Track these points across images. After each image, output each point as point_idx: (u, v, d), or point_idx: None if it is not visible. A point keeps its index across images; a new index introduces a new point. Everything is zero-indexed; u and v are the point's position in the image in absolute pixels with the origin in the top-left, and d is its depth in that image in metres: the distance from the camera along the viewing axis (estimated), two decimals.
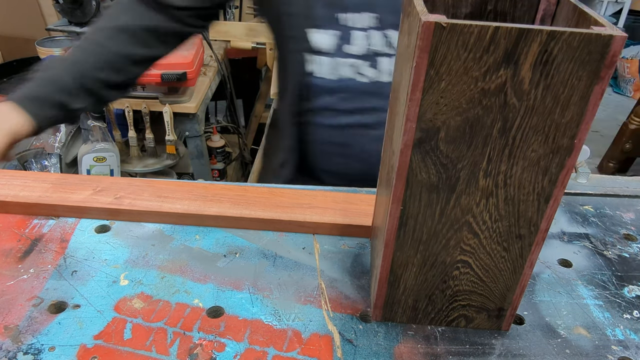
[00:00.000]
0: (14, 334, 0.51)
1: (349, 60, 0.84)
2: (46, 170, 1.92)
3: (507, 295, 0.53)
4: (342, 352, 0.52)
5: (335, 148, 0.92)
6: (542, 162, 0.44)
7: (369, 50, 0.83)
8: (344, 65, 0.85)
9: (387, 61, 0.84)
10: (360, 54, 0.84)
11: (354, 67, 0.84)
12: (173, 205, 0.69)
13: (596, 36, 0.38)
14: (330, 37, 0.83)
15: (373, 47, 0.83)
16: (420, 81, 0.40)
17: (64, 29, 2.51)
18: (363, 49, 0.83)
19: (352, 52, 0.84)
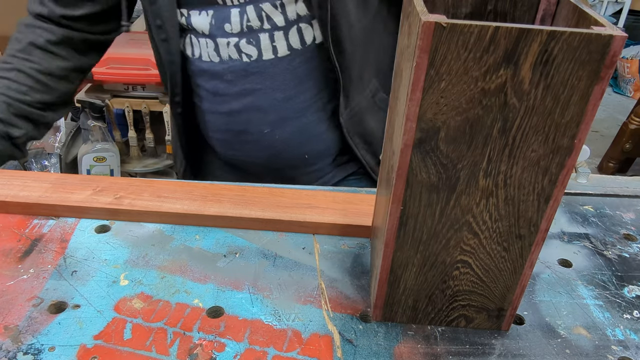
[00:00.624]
0: (14, 334, 0.51)
1: (229, 40, 0.82)
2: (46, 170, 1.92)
3: (507, 295, 0.53)
4: (342, 352, 0.52)
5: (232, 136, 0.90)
6: (542, 162, 0.44)
7: (246, 26, 0.81)
8: (225, 46, 0.82)
9: (265, 37, 0.81)
10: (237, 31, 0.81)
11: (236, 46, 0.82)
12: (173, 205, 0.69)
13: (596, 36, 0.38)
14: (205, 17, 0.81)
15: (249, 23, 0.80)
16: (420, 81, 0.40)
17: None
18: (240, 25, 0.81)
19: (229, 30, 0.81)
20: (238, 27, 0.81)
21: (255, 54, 0.82)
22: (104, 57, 1.72)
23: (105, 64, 1.73)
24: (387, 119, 0.57)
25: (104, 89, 1.82)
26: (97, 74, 1.73)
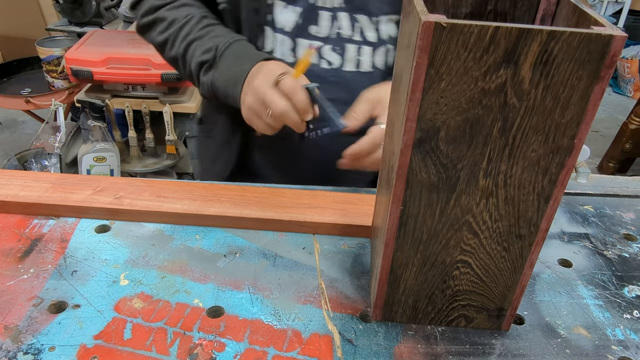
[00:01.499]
0: (14, 334, 0.51)
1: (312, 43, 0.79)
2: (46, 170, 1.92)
3: (507, 295, 0.53)
4: (342, 352, 0.52)
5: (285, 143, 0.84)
6: (542, 162, 0.44)
7: (336, 33, 0.78)
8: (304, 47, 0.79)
9: (353, 49, 0.78)
10: (324, 36, 0.78)
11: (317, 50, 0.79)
12: (173, 205, 0.69)
13: (596, 36, 0.38)
14: (290, 13, 0.77)
15: (340, 30, 0.78)
16: (420, 81, 0.40)
17: (64, 29, 2.52)
18: (329, 30, 0.78)
19: (315, 33, 0.78)
20: (326, 31, 0.78)
21: (338, 63, 0.80)
22: (103, 57, 1.72)
23: (105, 64, 1.73)
24: (387, 119, 0.57)
25: (104, 89, 1.82)
26: (97, 74, 1.73)
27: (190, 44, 0.77)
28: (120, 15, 2.70)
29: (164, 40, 0.80)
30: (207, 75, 0.76)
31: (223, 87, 0.75)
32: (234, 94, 0.73)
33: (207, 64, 0.76)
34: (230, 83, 0.74)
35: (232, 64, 0.74)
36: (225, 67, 0.75)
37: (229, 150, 0.90)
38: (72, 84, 2.13)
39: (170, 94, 1.83)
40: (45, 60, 2.13)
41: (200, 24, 0.78)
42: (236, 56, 0.75)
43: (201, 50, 0.76)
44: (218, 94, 0.77)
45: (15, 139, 2.85)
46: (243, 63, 0.73)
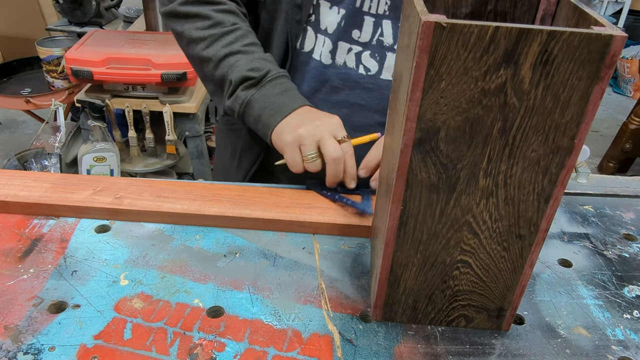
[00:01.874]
0: (14, 334, 0.51)
1: (352, 47, 0.78)
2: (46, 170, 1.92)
3: (507, 295, 0.53)
4: (342, 352, 0.52)
5: None
6: (542, 162, 0.44)
7: (377, 40, 0.77)
8: (345, 52, 0.78)
9: (393, 57, 0.78)
10: (365, 41, 0.77)
11: (357, 56, 0.78)
12: (173, 205, 0.69)
13: (596, 36, 0.38)
14: (334, 14, 0.76)
15: (382, 37, 0.77)
16: (420, 81, 0.40)
17: (64, 29, 2.52)
18: (370, 36, 0.77)
19: (357, 37, 0.77)
20: (368, 37, 0.77)
21: (375, 70, 0.79)
22: (103, 57, 1.72)
23: (105, 64, 1.73)
24: (387, 119, 0.57)
25: (104, 89, 1.82)
26: (97, 74, 1.72)
27: (233, 53, 0.76)
28: (120, 15, 2.70)
29: (201, 37, 0.77)
30: (247, 91, 0.75)
31: (259, 110, 0.74)
32: (267, 122, 0.73)
33: (251, 81, 0.74)
34: (270, 110, 0.73)
35: (279, 94, 0.74)
36: (271, 93, 0.74)
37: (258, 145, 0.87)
38: (72, 84, 2.13)
39: (170, 94, 1.83)
40: (45, 60, 2.13)
41: (246, 40, 0.77)
42: (284, 89, 0.74)
43: (249, 65, 0.74)
44: (248, 114, 0.75)
45: (15, 139, 2.85)
46: (291, 99, 0.73)
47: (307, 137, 0.68)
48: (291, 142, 0.69)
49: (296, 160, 0.70)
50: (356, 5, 0.76)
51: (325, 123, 0.69)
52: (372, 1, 0.75)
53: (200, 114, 1.92)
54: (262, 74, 0.74)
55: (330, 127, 0.69)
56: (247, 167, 0.90)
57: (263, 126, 0.73)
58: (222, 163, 0.99)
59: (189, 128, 1.91)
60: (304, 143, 0.68)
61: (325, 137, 0.68)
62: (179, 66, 1.72)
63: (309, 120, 0.70)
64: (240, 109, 0.75)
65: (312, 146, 0.68)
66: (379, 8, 0.76)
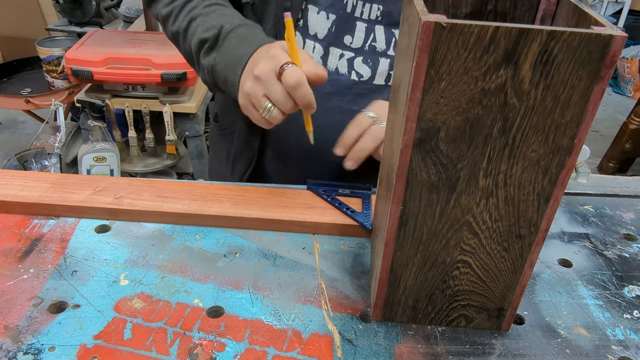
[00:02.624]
0: (14, 334, 0.51)
1: (344, 52, 0.76)
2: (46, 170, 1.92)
3: (507, 295, 0.53)
4: (342, 352, 0.52)
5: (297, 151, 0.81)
6: (542, 162, 0.44)
7: (369, 46, 0.76)
8: (337, 57, 0.77)
9: (386, 63, 0.77)
10: (357, 47, 0.76)
11: (349, 62, 0.77)
12: (173, 205, 0.69)
13: (596, 36, 0.38)
14: (323, 20, 0.74)
15: (374, 43, 0.76)
16: (420, 81, 0.40)
17: (64, 29, 2.52)
18: (362, 42, 0.76)
19: (348, 43, 0.76)
20: (360, 43, 0.76)
21: (367, 76, 0.77)
22: (104, 57, 1.72)
23: (105, 64, 1.73)
24: (387, 119, 0.57)
25: (104, 89, 1.82)
26: (97, 74, 1.72)
27: (193, 19, 0.71)
28: (120, 15, 2.70)
29: (169, 12, 0.73)
30: (208, 57, 0.69)
31: (223, 71, 0.68)
32: (233, 79, 0.67)
33: (208, 44, 0.69)
34: (231, 67, 0.67)
35: (236, 47, 0.67)
36: (229, 49, 0.68)
37: (250, 149, 0.85)
38: (72, 84, 2.13)
39: (170, 94, 1.83)
40: (45, 60, 2.13)
41: (208, 1, 0.72)
42: (241, 39, 0.68)
43: (204, 27, 0.69)
44: (218, 80, 0.70)
45: (15, 139, 2.85)
46: (247, 46, 0.67)
47: (252, 94, 0.63)
48: (244, 105, 0.65)
49: (258, 120, 0.64)
50: (347, 10, 0.74)
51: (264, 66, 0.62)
52: (364, 7, 0.74)
53: (200, 114, 1.92)
54: (217, 32, 0.68)
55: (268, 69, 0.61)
56: (241, 171, 0.89)
57: (231, 87, 0.67)
58: (217, 166, 0.99)
59: (189, 128, 1.91)
60: (253, 101, 0.63)
61: (268, 85, 0.61)
62: (179, 66, 1.72)
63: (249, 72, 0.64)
64: (209, 78, 0.71)
65: (261, 100, 0.62)
66: (371, 14, 0.74)
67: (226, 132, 0.92)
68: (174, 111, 1.83)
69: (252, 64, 0.64)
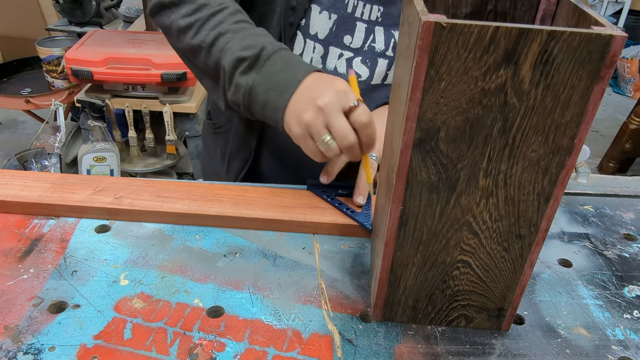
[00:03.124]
0: (14, 334, 0.51)
1: (343, 52, 0.76)
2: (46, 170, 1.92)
3: (507, 295, 0.53)
4: (342, 352, 0.52)
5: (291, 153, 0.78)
6: (542, 162, 0.44)
7: (368, 46, 0.76)
8: (335, 57, 0.76)
9: (384, 63, 0.77)
10: (356, 47, 0.76)
11: (348, 61, 0.76)
12: (173, 205, 0.69)
13: (596, 36, 0.38)
14: (325, 20, 0.74)
15: (373, 44, 0.76)
16: (420, 81, 0.40)
17: (64, 29, 2.52)
18: (362, 42, 0.76)
19: (348, 43, 0.76)
20: (359, 43, 0.76)
21: (365, 76, 0.78)
22: (104, 57, 1.72)
23: (105, 64, 1.73)
24: (387, 119, 0.57)
25: (104, 89, 1.82)
26: (97, 74, 1.73)
27: (221, 34, 0.68)
28: (120, 15, 2.70)
29: (188, 24, 0.70)
30: (246, 76, 0.66)
31: (264, 94, 0.65)
32: (277, 103, 0.64)
33: (247, 63, 0.66)
34: (275, 91, 0.64)
35: (282, 70, 0.65)
36: (273, 71, 0.65)
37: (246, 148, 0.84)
38: (72, 84, 2.13)
39: (170, 94, 1.83)
40: (45, 60, 2.13)
41: (235, 17, 0.69)
42: (286, 62, 0.65)
43: (241, 45, 0.66)
44: (254, 102, 0.66)
45: (15, 139, 2.85)
46: (294, 72, 0.64)
47: (313, 124, 0.61)
48: (301, 135, 0.62)
49: (313, 151, 0.63)
50: (348, 10, 0.74)
51: (328, 100, 0.60)
52: (365, 7, 0.74)
53: (200, 114, 1.92)
54: (257, 52, 0.66)
55: (335, 102, 0.60)
56: (236, 170, 0.88)
57: (272, 111, 0.65)
58: (212, 165, 0.98)
59: (189, 128, 1.92)
60: (312, 132, 0.61)
61: (332, 118, 0.60)
62: (179, 66, 1.72)
63: (310, 101, 0.62)
64: (244, 99, 0.67)
65: (321, 131, 0.60)
66: (371, 14, 0.74)
67: (220, 131, 0.91)
68: (174, 111, 1.83)
69: (310, 92, 0.62)
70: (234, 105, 0.70)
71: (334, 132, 0.60)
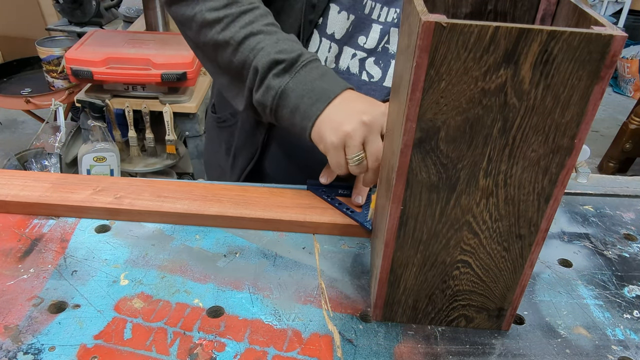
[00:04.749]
0: (14, 334, 0.51)
1: (357, 52, 0.76)
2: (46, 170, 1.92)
3: (507, 295, 0.53)
4: (342, 352, 0.52)
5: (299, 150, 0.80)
6: (542, 162, 0.44)
7: (382, 47, 0.76)
8: (349, 57, 0.76)
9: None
10: (370, 47, 0.76)
11: (361, 62, 0.76)
12: (173, 205, 0.69)
13: (596, 36, 0.38)
14: (343, 19, 0.74)
15: (387, 44, 0.75)
16: (420, 81, 0.40)
17: (64, 29, 2.52)
18: (376, 43, 0.75)
19: (362, 43, 0.75)
20: (374, 43, 0.75)
21: (378, 77, 0.77)
22: (104, 57, 1.72)
23: (105, 64, 1.73)
24: (387, 119, 0.57)
25: (104, 89, 1.82)
26: (97, 74, 1.73)
27: (254, 33, 0.67)
28: (120, 15, 2.70)
29: (216, 18, 0.68)
30: (279, 79, 0.65)
31: (296, 100, 0.65)
32: (309, 111, 0.64)
33: (283, 66, 0.65)
34: (309, 98, 0.64)
35: (318, 80, 0.65)
36: (308, 78, 0.65)
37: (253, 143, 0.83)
38: (72, 84, 2.13)
39: (170, 94, 1.83)
40: (45, 60, 2.13)
41: (266, 19, 0.69)
42: (322, 73, 0.66)
43: (276, 47, 0.66)
44: (284, 106, 0.66)
45: (15, 139, 2.85)
46: (331, 83, 0.65)
47: (353, 136, 0.61)
48: (336, 144, 0.62)
49: (340, 163, 0.63)
50: (365, 12, 0.74)
51: (373, 117, 0.61)
52: (382, 10, 0.74)
53: (200, 113, 1.92)
54: (294, 57, 0.66)
55: (379, 122, 0.61)
56: (242, 166, 0.87)
57: (302, 117, 0.65)
58: (215, 159, 0.96)
59: (189, 128, 1.92)
60: (349, 144, 0.61)
61: (373, 136, 0.60)
62: (179, 66, 1.72)
63: (353, 114, 0.62)
64: (273, 101, 0.66)
65: (357, 147, 0.61)
66: (388, 16, 0.74)
67: (225, 125, 0.90)
68: (174, 111, 1.83)
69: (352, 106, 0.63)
70: (259, 106, 0.68)
71: (368, 151, 0.61)
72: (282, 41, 0.67)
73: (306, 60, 0.66)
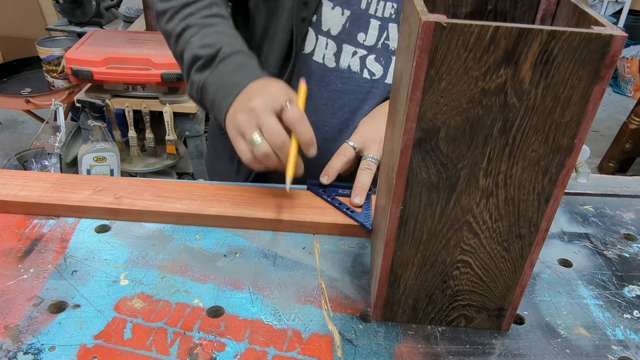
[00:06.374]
0: (14, 334, 0.51)
1: (357, 50, 0.76)
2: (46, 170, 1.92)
3: (507, 295, 0.53)
4: (342, 352, 0.52)
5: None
6: (542, 162, 0.44)
7: (382, 44, 0.75)
8: (349, 54, 0.76)
9: None
10: (370, 45, 0.75)
11: (361, 59, 0.76)
12: (173, 205, 0.69)
13: (596, 36, 0.38)
14: (338, 15, 0.74)
15: (387, 41, 0.75)
16: (420, 81, 0.40)
17: (64, 29, 2.52)
18: (375, 40, 0.75)
19: (362, 40, 0.75)
20: (373, 40, 0.75)
21: (379, 74, 0.77)
22: (104, 57, 1.72)
23: (105, 64, 1.73)
24: (387, 119, 0.57)
25: (104, 89, 1.82)
26: (97, 74, 1.72)
27: (189, 27, 0.69)
28: (120, 15, 2.70)
29: (164, 9, 0.71)
30: (200, 74, 0.68)
31: (213, 93, 0.67)
32: (221, 104, 0.66)
33: (202, 62, 0.68)
34: (222, 92, 0.66)
35: (232, 73, 0.67)
36: (225, 73, 0.67)
37: None
38: (72, 84, 2.13)
39: (170, 94, 1.83)
40: (45, 60, 2.13)
41: (207, 11, 0.70)
42: (238, 66, 0.67)
43: (201, 42, 0.68)
44: (205, 99, 0.69)
45: (15, 139, 2.85)
46: (242, 76, 0.66)
47: (243, 124, 0.62)
48: (234, 133, 0.64)
49: (243, 150, 0.63)
50: (361, 7, 0.74)
51: (260, 101, 0.61)
52: (379, 4, 0.74)
53: (200, 113, 1.92)
54: (214, 52, 0.67)
55: (265, 103, 0.61)
56: (246, 173, 0.88)
57: (218, 111, 0.67)
58: (219, 165, 0.97)
59: (189, 128, 1.92)
60: (243, 131, 0.62)
61: (263, 118, 0.61)
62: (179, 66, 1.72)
63: (243, 103, 0.63)
64: (197, 95, 0.69)
65: (251, 130, 0.61)
66: (385, 11, 0.74)
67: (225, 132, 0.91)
68: (174, 111, 1.83)
69: (246, 96, 0.64)
70: (192, 99, 0.72)
71: (264, 131, 0.61)
72: (209, 35, 0.68)
73: (225, 54, 0.67)
